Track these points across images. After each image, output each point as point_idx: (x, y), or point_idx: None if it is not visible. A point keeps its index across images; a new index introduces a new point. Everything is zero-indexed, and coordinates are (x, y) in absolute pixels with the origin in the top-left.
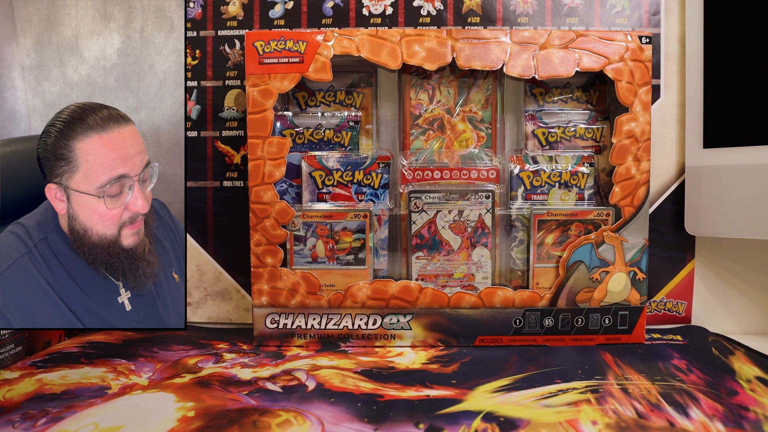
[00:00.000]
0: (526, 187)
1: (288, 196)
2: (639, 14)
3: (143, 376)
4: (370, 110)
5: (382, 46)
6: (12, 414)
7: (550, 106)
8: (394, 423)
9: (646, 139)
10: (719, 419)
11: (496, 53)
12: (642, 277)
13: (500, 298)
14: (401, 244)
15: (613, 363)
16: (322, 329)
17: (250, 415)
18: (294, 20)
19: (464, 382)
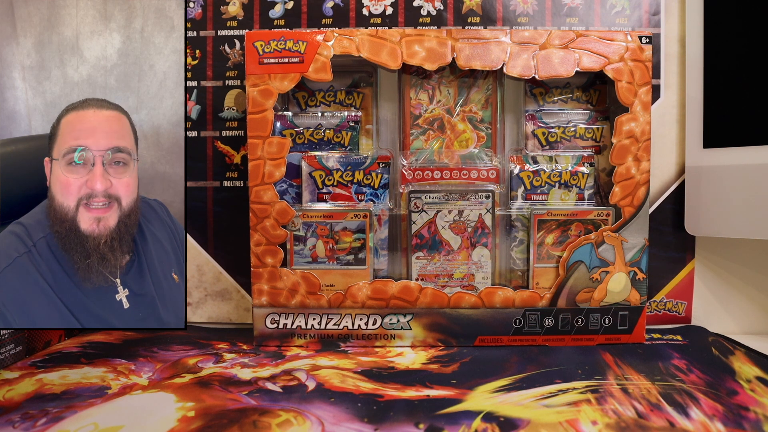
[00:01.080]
0: (526, 187)
1: (288, 196)
2: (639, 14)
3: (143, 376)
4: (370, 110)
5: (382, 46)
6: (12, 414)
7: (550, 106)
8: (394, 423)
9: (646, 139)
10: (719, 419)
11: (496, 53)
12: (642, 277)
13: (500, 298)
14: (401, 244)
15: (613, 363)
16: (322, 329)
17: (250, 415)
18: (294, 20)
19: (464, 382)
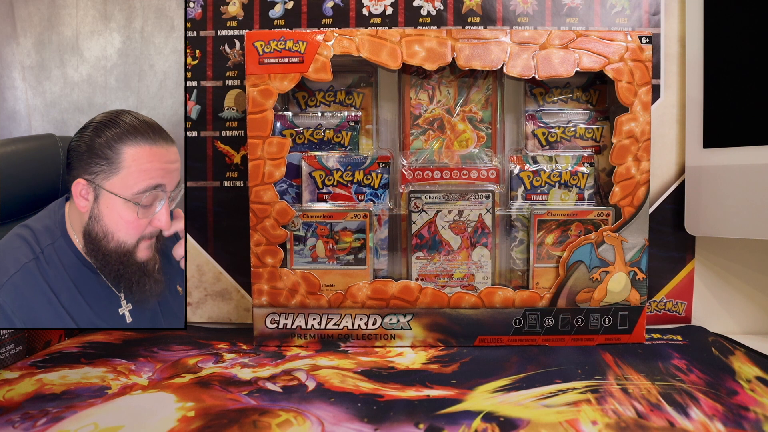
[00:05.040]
0: (526, 187)
1: (288, 196)
2: (639, 14)
3: (143, 376)
4: (370, 110)
5: (382, 46)
6: (12, 414)
7: (550, 106)
8: (394, 423)
9: (646, 139)
10: (719, 419)
11: (496, 53)
12: (642, 277)
13: (500, 298)
14: (401, 244)
15: (613, 363)
16: (322, 329)
17: (250, 415)
18: (294, 20)
19: (464, 382)
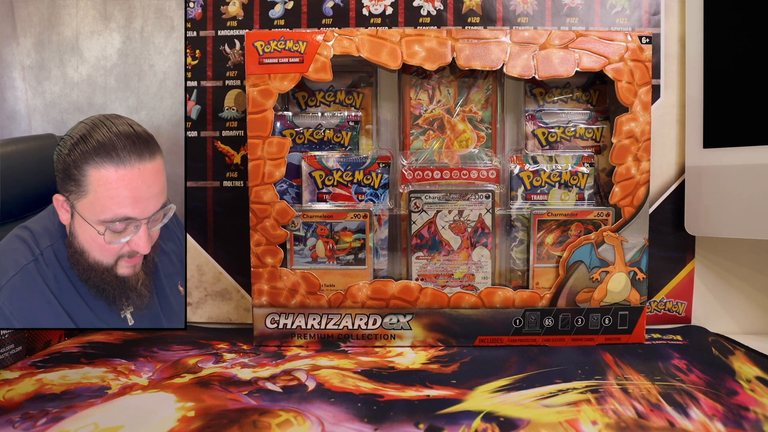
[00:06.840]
0: (526, 187)
1: (288, 196)
2: (639, 14)
3: (143, 376)
4: (370, 110)
5: (382, 46)
6: (12, 414)
7: (550, 106)
8: (394, 423)
9: (646, 139)
10: (719, 419)
11: (496, 53)
12: (642, 277)
13: (500, 298)
14: (401, 244)
15: (613, 363)
16: (322, 329)
17: (250, 415)
18: (294, 20)
19: (464, 382)
